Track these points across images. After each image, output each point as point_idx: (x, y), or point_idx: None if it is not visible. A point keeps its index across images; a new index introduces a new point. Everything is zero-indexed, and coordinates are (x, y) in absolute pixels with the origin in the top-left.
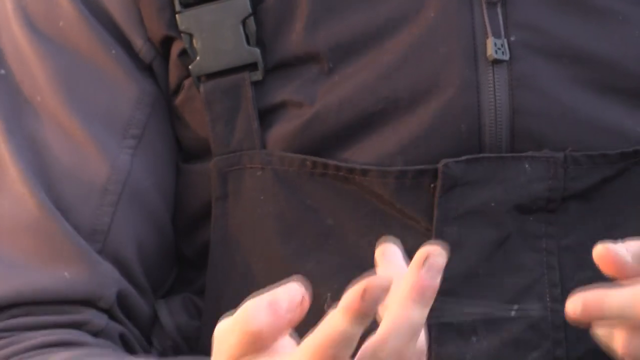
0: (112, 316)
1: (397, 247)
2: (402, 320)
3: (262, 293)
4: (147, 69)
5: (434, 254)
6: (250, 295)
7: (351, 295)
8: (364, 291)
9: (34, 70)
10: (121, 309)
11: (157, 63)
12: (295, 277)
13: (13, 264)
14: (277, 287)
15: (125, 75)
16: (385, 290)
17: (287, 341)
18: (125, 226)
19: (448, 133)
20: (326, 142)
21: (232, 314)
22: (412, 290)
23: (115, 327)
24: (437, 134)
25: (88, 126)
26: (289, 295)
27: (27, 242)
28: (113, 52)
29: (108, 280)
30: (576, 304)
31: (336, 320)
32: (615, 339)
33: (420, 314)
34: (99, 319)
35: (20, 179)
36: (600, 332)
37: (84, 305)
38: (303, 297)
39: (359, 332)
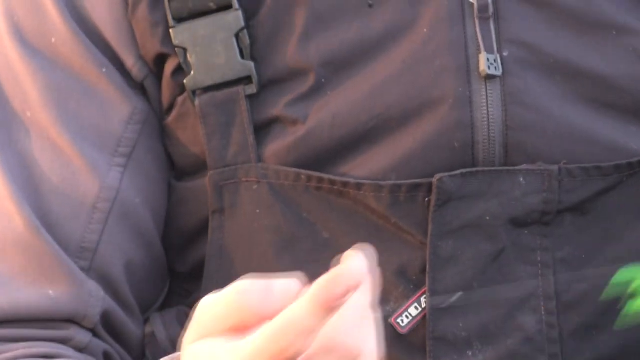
0: (96, 334)
1: (366, 256)
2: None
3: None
4: (138, 87)
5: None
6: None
7: (319, 287)
8: (332, 286)
9: (25, 86)
10: (106, 327)
11: (149, 81)
12: (295, 274)
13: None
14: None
15: (117, 92)
16: (354, 287)
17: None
18: (114, 244)
19: (441, 149)
20: (320, 157)
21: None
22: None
23: (99, 345)
24: (430, 149)
25: (78, 143)
26: (285, 284)
27: (14, 259)
28: (104, 70)
29: (92, 300)
30: None
31: (300, 309)
32: None
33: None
34: (83, 336)
35: (8, 196)
36: None
37: (67, 323)
38: (300, 290)
39: (321, 324)
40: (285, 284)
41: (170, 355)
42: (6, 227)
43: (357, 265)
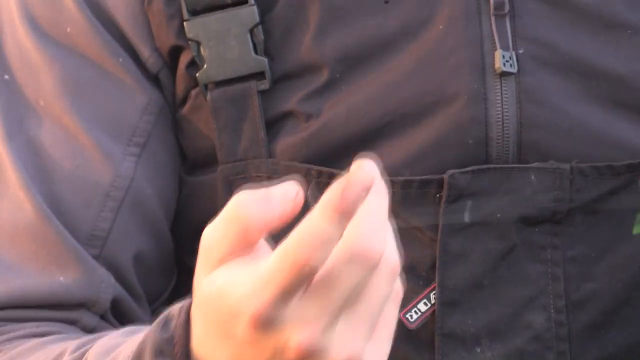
0: (105, 320)
1: (374, 162)
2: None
3: None
4: (153, 78)
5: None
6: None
7: (332, 193)
8: (345, 189)
9: (40, 75)
10: (115, 314)
11: (164, 73)
12: (292, 176)
13: (9, 267)
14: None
15: (133, 82)
16: (366, 188)
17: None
18: (124, 233)
19: (455, 145)
20: (333, 153)
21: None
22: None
23: (107, 327)
24: (444, 146)
25: (93, 131)
26: (283, 189)
27: (24, 246)
28: (120, 60)
29: (103, 286)
30: None
31: (316, 218)
32: None
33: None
34: (90, 319)
35: (19, 184)
36: None
37: (78, 308)
38: (297, 192)
39: (338, 233)
40: (283, 188)
41: (182, 302)
42: (17, 214)
43: (367, 168)
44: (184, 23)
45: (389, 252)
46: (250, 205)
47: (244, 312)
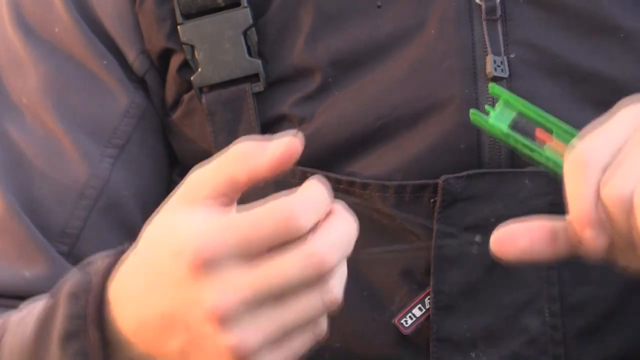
0: None
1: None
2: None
3: None
4: (139, 81)
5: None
6: None
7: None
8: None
9: (25, 73)
10: None
11: (151, 76)
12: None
13: None
14: None
15: (116, 85)
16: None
17: None
18: (97, 233)
19: (447, 150)
20: (326, 157)
21: None
22: None
23: None
24: (436, 151)
25: (72, 131)
26: (280, 140)
27: None
28: (105, 62)
29: None
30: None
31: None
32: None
33: None
34: None
35: None
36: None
37: None
38: (294, 138)
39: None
40: (280, 139)
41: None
42: None
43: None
44: (178, 27)
45: (335, 283)
46: (246, 147)
47: (191, 246)
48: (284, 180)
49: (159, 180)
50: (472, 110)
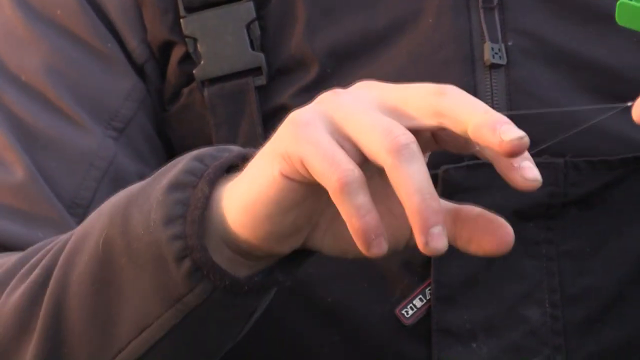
0: None
1: None
2: None
3: None
4: (138, 69)
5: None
6: None
7: None
8: None
9: (25, 51)
10: None
11: (150, 66)
12: None
13: None
14: None
15: (119, 67)
16: None
17: None
18: None
19: None
20: None
21: None
22: None
23: None
24: None
25: (75, 106)
26: None
27: (9, 201)
28: (109, 45)
29: None
30: None
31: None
32: None
33: None
34: None
35: (8, 147)
36: None
37: None
38: None
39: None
40: None
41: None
42: (5, 173)
43: None
44: (181, 20)
45: None
46: None
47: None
48: None
49: (152, 168)
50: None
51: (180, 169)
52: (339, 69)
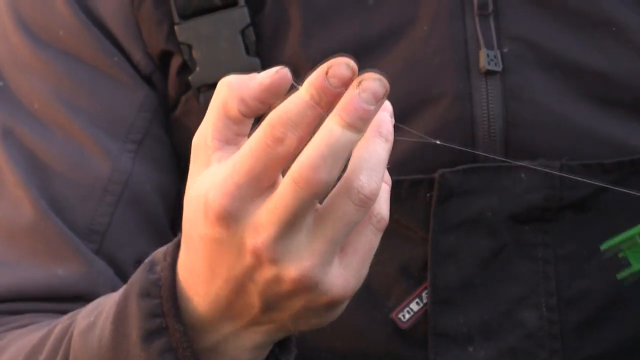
0: None
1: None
2: (331, 139)
3: None
4: (146, 79)
5: (368, 77)
6: None
7: (316, 72)
8: (329, 67)
9: (34, 78)
10: None
11: (156, 76)
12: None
13: (6, 264)
14: None
15: (129, 80)
16: (351, 70)
17: None
18: (123, 228)
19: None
20: None
21: None
22: (345, 111)
23: None
24: (431, 146)
25: (89, 129)
26: (270, 70)
27: (23, 243)
28: (115, 58)
29: (102, 279)
30: None
31: (298, 96)
32: None
33: (349, 139)
34: None
35: (16, 182)
36: None
37: (77, 300)
38: (279, 70)
39: (315, 115)
40: (270, 70)
41: (166, 246)
42: (15, 212)
43: (348, 61)
44: (175, 27)
45: (381, 201)
46: (230, 80)
47: (208, 202)
48: None
49: (174, 175)
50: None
51: (140, 315)
52: None
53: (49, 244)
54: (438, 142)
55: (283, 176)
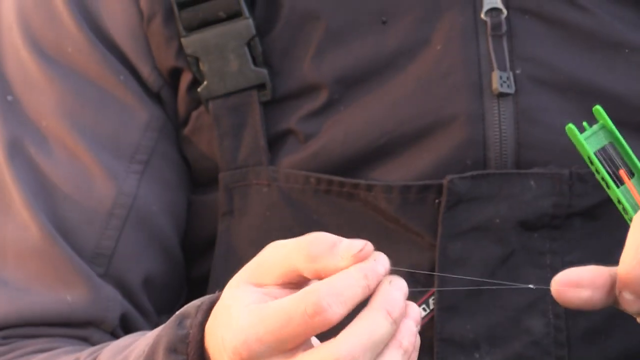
0: (115, 337)
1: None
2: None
3: None
4: (155, 96)
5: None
6: None
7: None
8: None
9: (42, 95)
10: (124, 330)
11: (165, 92)
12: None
13: (17, 288)
14: None
15: (134, 99)
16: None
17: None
18: (130, 251)
19: (453, 166)
20: (331, 173)
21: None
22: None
23: None
24: (442, 167)
25: (95, 150)
26: (352, 242)
27: (31, 266)
28: (121, 77)
29: (111, 304)
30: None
31: (343, 273)
32: None
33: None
34: (101, 336)
35: (23, 204)
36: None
37: (86, 326)
38: (365, 246)
39: (359, 295)
40: (353, 242)
41: (210, 296)
42: (22, 235)
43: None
44: (182, 40)
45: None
46: (318, 244)
47: (230, 341)
48: (286, 187)
49: (183, 192)
50: (568, 125)
51: None
52: (346, 95)
53: (57, 268)
54: (532, 286)
55: None
